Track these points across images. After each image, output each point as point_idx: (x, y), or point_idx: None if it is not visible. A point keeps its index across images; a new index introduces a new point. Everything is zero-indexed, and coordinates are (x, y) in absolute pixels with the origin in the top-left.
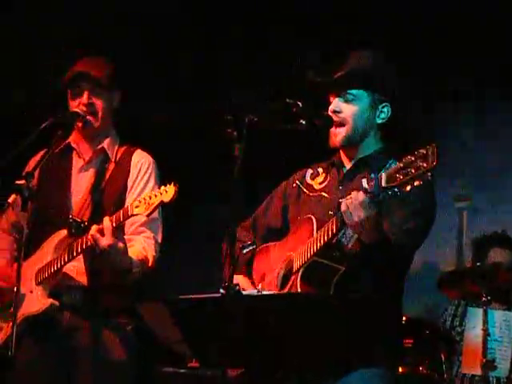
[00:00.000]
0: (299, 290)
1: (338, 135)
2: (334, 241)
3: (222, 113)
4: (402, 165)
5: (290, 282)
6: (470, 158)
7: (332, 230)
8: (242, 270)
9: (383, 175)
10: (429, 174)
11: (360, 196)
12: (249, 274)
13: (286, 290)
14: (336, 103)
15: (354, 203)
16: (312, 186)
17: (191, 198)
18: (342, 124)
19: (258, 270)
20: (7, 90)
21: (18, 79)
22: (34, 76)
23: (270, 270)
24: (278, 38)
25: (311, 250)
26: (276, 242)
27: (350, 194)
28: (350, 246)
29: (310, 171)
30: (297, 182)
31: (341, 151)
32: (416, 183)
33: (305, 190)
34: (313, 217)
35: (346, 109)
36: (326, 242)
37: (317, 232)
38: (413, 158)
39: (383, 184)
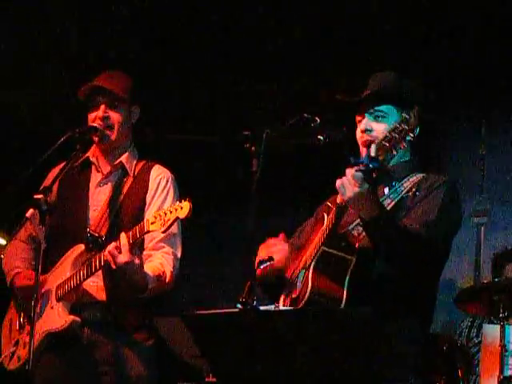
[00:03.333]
0: (309, 284)
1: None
2: (343, 231)
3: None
4: (387, 134)
5: (304, 279)
6: (488, 173)
7: (333, 217)
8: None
9: (372, 146)
10: (411, 134)
11: (351, 170)
12: None
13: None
14: (366, 122)
15: (347, 178)
16: None
17: (210, 212)
18: (373, 142)
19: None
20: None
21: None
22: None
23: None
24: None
25: (320, 242)
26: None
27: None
28: (361, 236)
29: None
30: (328, 203)
31: None
32: (402, 146)
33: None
34: (325, 215)
35: (376, 127)
36: (331, 230)
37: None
38: (396, 125)
39: (372, 154)
